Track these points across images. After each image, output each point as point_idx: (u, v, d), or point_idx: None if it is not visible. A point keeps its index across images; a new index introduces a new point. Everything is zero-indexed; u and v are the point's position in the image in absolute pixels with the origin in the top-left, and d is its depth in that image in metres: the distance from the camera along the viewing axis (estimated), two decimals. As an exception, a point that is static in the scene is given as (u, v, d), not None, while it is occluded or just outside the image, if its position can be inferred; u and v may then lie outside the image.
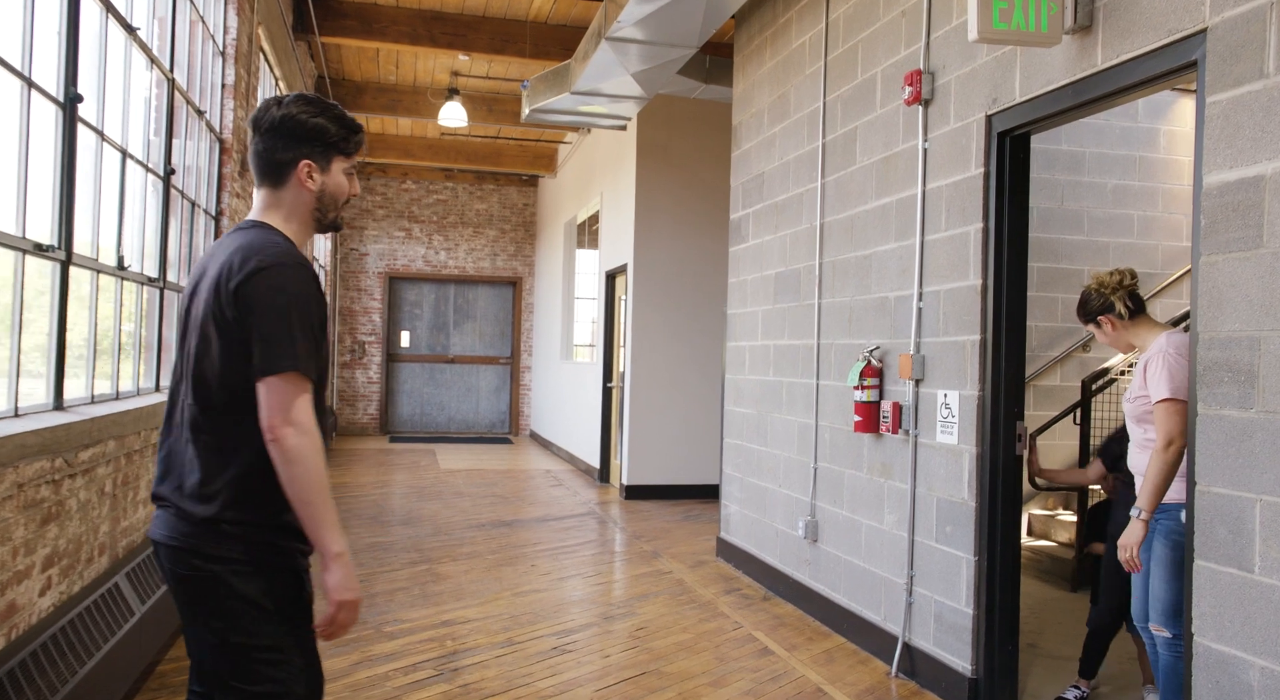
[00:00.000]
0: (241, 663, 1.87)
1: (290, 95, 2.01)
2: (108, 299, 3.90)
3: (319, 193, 2.01)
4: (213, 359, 1.88)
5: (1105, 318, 3.31)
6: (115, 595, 3.39)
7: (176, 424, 1.95)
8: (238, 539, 1.86)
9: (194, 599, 1.88)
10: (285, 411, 1.81)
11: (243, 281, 1.84)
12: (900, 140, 4.30)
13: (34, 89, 2.90)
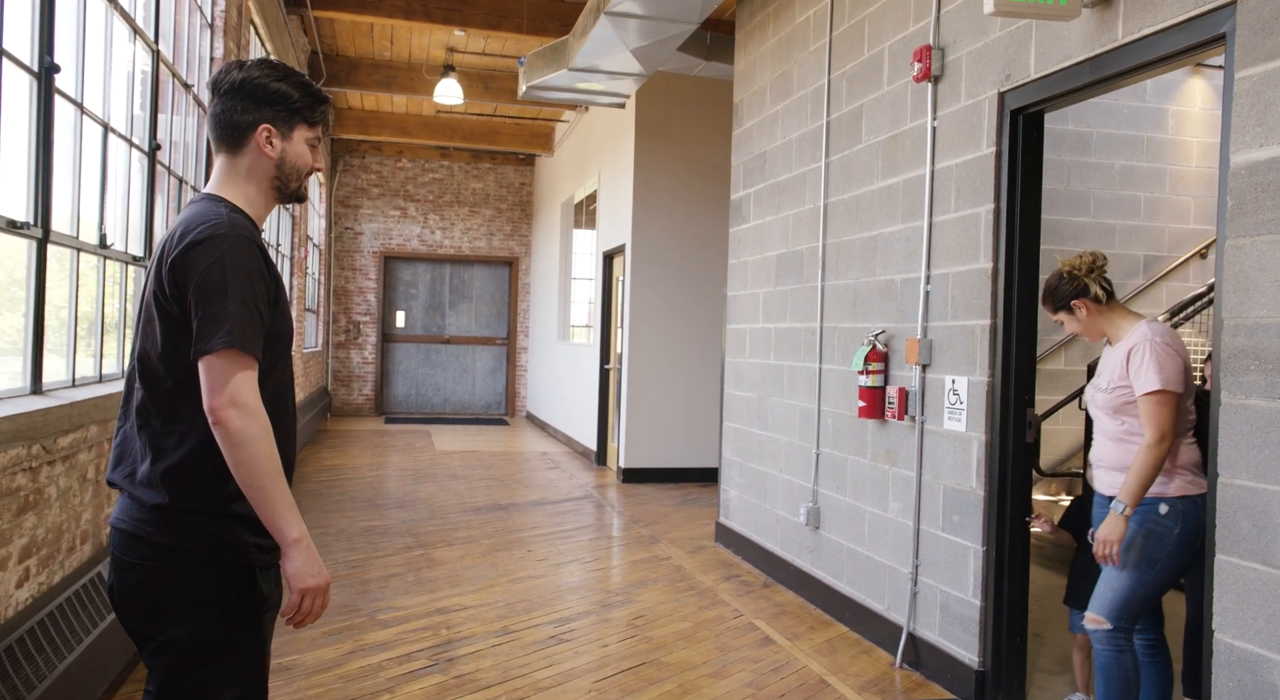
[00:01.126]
0: (172, 657, 1.76)
1: (253, 60, 1.90)
2: (90, 279, 3.78)
3: (279, 160, 1.89)
4: (155, 340, 1.77)
5: (1080, 302, 3.07)
6: (98, 585, 3.28)
7: (126, 410, 1.85)
8: (188, 528, 1.76)
9: (135, 587, 1.77)
10: (226, 391, 1.68)
11: (178, 256, 1.72)
12: (908, 118, 4.17)
13: (6, 58, 2.76)
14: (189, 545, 1.75)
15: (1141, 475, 2.85)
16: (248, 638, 1.82)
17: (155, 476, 1.76)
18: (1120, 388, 2.97)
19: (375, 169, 14.72)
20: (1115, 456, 3.04)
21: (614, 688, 3.70)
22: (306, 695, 3.49)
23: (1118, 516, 2.87)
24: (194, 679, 1.76)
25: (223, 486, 1.76)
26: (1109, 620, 2.95)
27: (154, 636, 1.77)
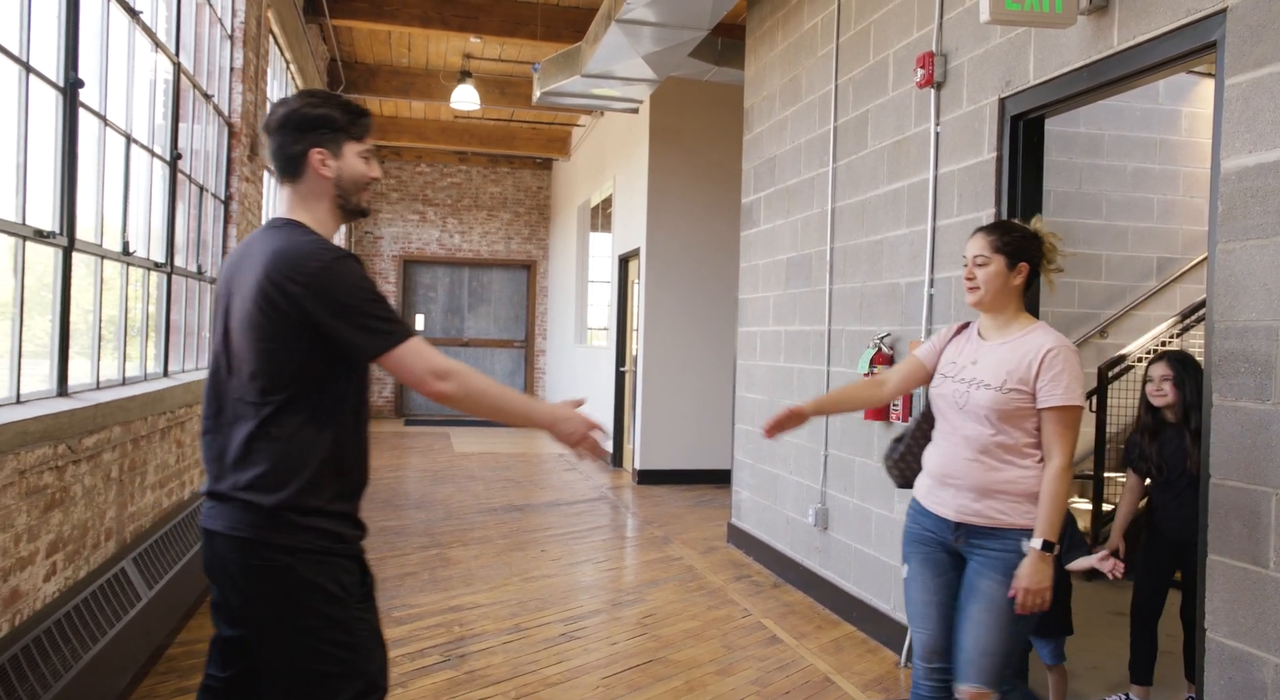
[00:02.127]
0: (312, 648, 1.91)
1: (296, 95, 2.05)
2: (114, 286, 3.90)
3: (336, 179, 2.02)
4: (278, 356, 1.90)
5: (1027, 267, 2.59)
6: (122, 580, 3.39)
7: (227, 420, 1.95)
8: (304, 528, 1.90)
9: (264, 588, 1.91)
10: (424, 371, 1.91)
11: (310, 281, 1.87)
12: (912, 124, 4.23)
13: (33, 74, 2.87)
14: (308, 544, 1.91)
15: (1061, 504, 2.44)
16: (367, 618, 2.00)
17: (272, 481, 1.89)
18: (1020, 392, 2.48)
19: (394, 174, 14.88)
20: (975, 476, 2.53)
21: (621, 684, 3.77)
22: (322, 689, 3.59)
23: (1042, 557, 2.41)
24: (331, 662, 1.92)
25: (329, 486, 1.93)
26: (995, 688, 2.48)
27: (288, 630, 1.90)
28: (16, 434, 2.54)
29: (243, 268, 1.97)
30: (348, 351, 1.93)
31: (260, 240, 1.99)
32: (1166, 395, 3.50)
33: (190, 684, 3.56)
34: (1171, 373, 3.50)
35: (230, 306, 1.98)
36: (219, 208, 5.55)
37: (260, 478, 1.89)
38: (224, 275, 2.05)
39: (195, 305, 5.14)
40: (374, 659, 1.99)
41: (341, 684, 1.93)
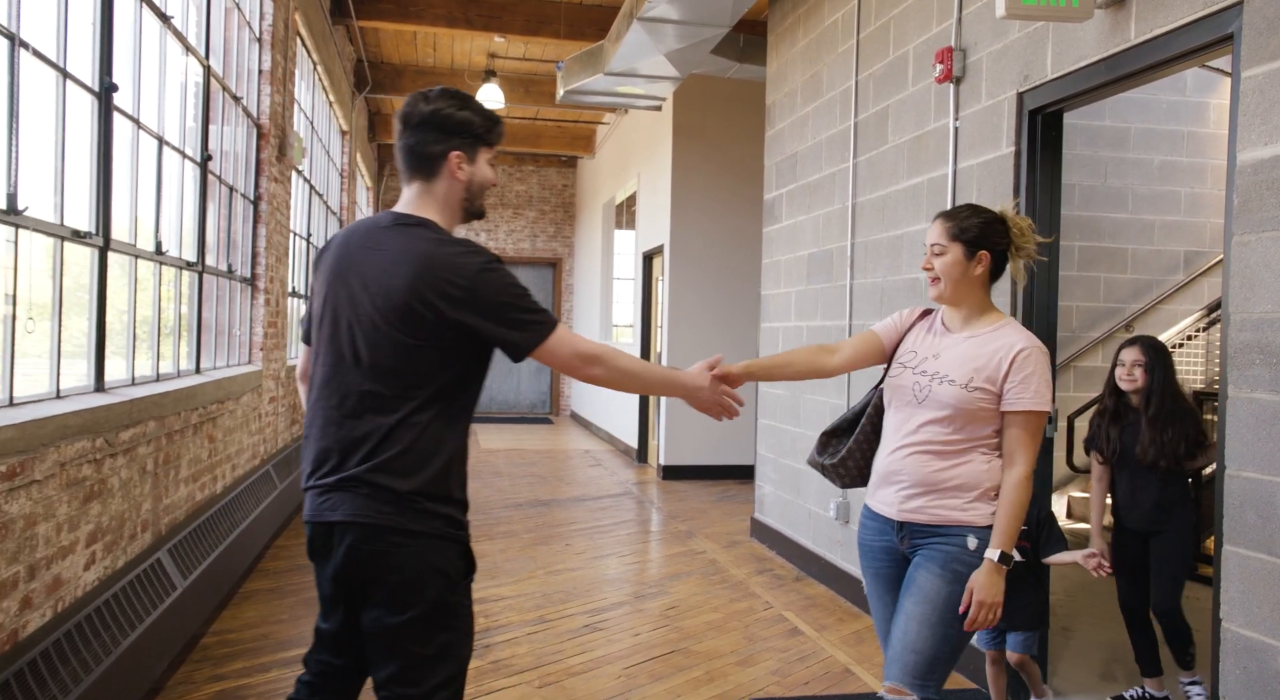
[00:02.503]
0: (426, 628, 1.98)
1: (435, 90, 2.09)
2: (147, 285, 4.00)
3: (468, 182, 2.08)
4: (422, 352, 1.96)
5: (987, 256, 2.37)
6: (158, 570, 3.49)
7: (352, 411, 1.98)
8: (432, 514, 1.98)
9: (385, 573, 1.96)
10: (573, 359, 2.03)
11: (469, 286, 1.93)
12: (932, 119, 4.25)
13: (69, 79, 2.97)
14: (433, 530, 1.98)
15: (1019, 512, 2.26)
16: (468, 604, 2.07)
17: (404, 469, 1.95)
18: (985, 391, 2.29)
19: (421, 173, 14.99)
20: (923, 473, 2.35)
21: (643, 673, 3.83)
22: (351, 677, 3.67)
23: (997, 569, 2.23)
24: (437, 644, 1.99)
25: (455, 475, 2.03)
26: (914, 689, 2.26)
27: (403, 613, 1.96)
28: (57, 427, 2.64)
29: (372, 261, 1.99)
30: (505, 351, 2.02)
31: (395, 237, 2.00)
32: (1136, 380, 3.48)
33: (224, 671, 3.66)
34: (1144, 358, 3.47)
35: (354, 297, 2.00)
36: (248, 208, 5.66)
37: (396, 465, 1.94)
38: (339, 263, 2.05)
39: (225, 303, 5.25)
40: (468, 644, 2.07)
41: (439, 666, 2.00)
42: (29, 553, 2.54)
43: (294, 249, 7.29)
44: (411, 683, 1.97)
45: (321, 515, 2.00)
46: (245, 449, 5.29)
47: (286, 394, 6.63)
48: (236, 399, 4.98)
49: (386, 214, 2.08)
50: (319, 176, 8.89)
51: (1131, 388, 3.49)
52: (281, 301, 6.36)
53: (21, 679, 2.41)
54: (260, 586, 4.86)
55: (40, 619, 2.63)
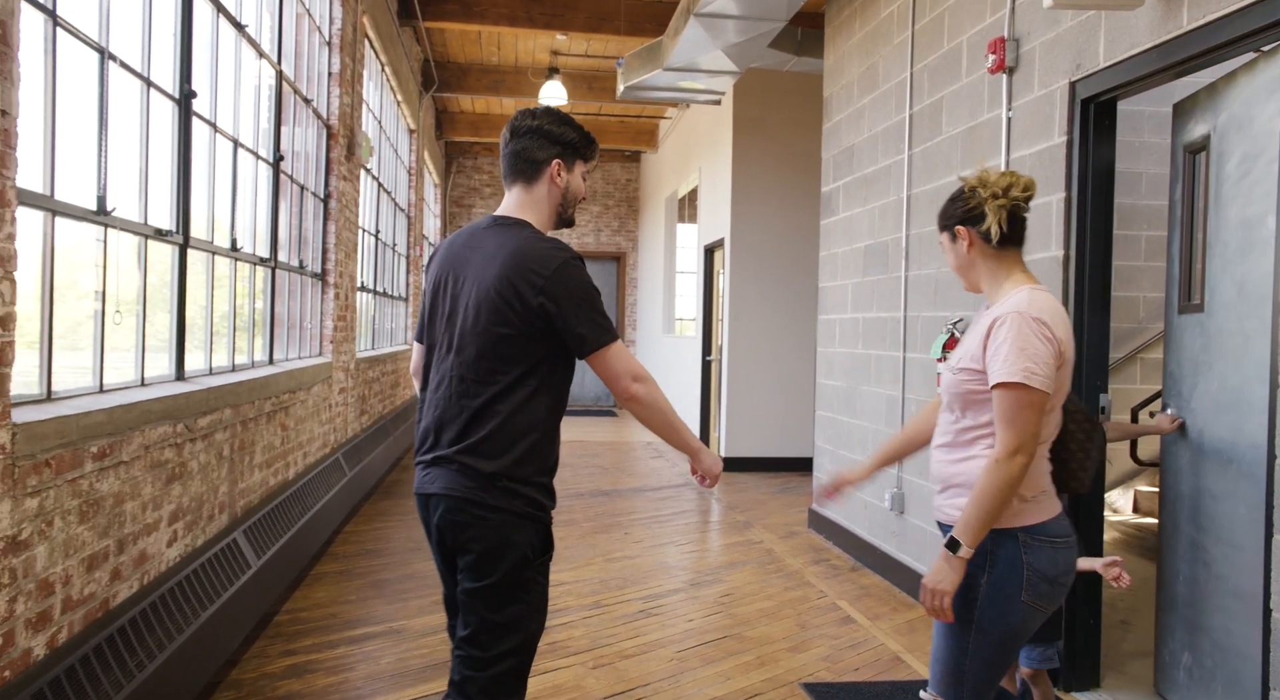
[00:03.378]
0: (497, 598, 2.16)
1: (540, 107, 2.33)
2: (224, 281, 4.22)
3: (564, 189, 2.31)
4: (510, 341, 2.15)
5: (965, 230, 2.24)
6: (234, 550, 3.70)
7: (448, 395, 2.21)
8: (513, 494, 2.15)
9: (468, 542, 2.16)
10: (627, 372, 2.17)
11: (551, 277, 2.13)
12: (985, 110, 4.24)
13: (153, 88, 3.17)
14: (513, 508, 2.15)
15: (985, 503, 2.05)
16: (543, 581, 2.25)
17: (492, 450, 2.14)
18: (971, 370, 2.15)
19: (487, 169, 15.28)
20: (942, 466, 2.27)
21: (695, 657, 3.92)
22: (412, 655, 3.84)
23: (951, 559, 2.08)
24: (507, 614, 2.17)
25: (537, 459, 2.18)
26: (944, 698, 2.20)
27: (481, 580, 2.16)
28: (142, 413, 2.83)
29: (473, 259, 2.22)
30: (569, 343, 2.17)
31: (494, 236, 2.23)
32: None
33: (295, 646, 3.86)
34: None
35: (457, 292, 2.23)
36: (319, 205, 5.89)
37: (482, 447, 2.14)
38: (445, 264, 2.29)
39: (297, 297, 5.48)
40: (538, 619, 2.23)
41: (508, 635, 2.17)
42: (118, 528, 2.74)
43: (363, 245, 7.53)
44: (480, 646, 2.16)
45: (423, 487, 2.24)
46: (316, 437, 5.51)
47: (356, 385, 6.87)
48: (307, 389, 5.20)
49: (487, 217, 2.31)
50: (387, 174, 9.14)
51: None
52: (350, 296, 6.59)
53: (113, 645, 2.60)
54: (330, 569, 5.07)
55: (128, 590, 2.83)
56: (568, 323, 2.14)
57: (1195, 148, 3.36)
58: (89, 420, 2.48)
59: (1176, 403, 3.40)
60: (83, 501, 2.51)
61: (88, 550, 2.55)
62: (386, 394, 8.61)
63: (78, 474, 2.46)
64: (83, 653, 2.44)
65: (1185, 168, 3.43)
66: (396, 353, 9.37)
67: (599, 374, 2.19)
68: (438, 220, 14.36)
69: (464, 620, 2.19)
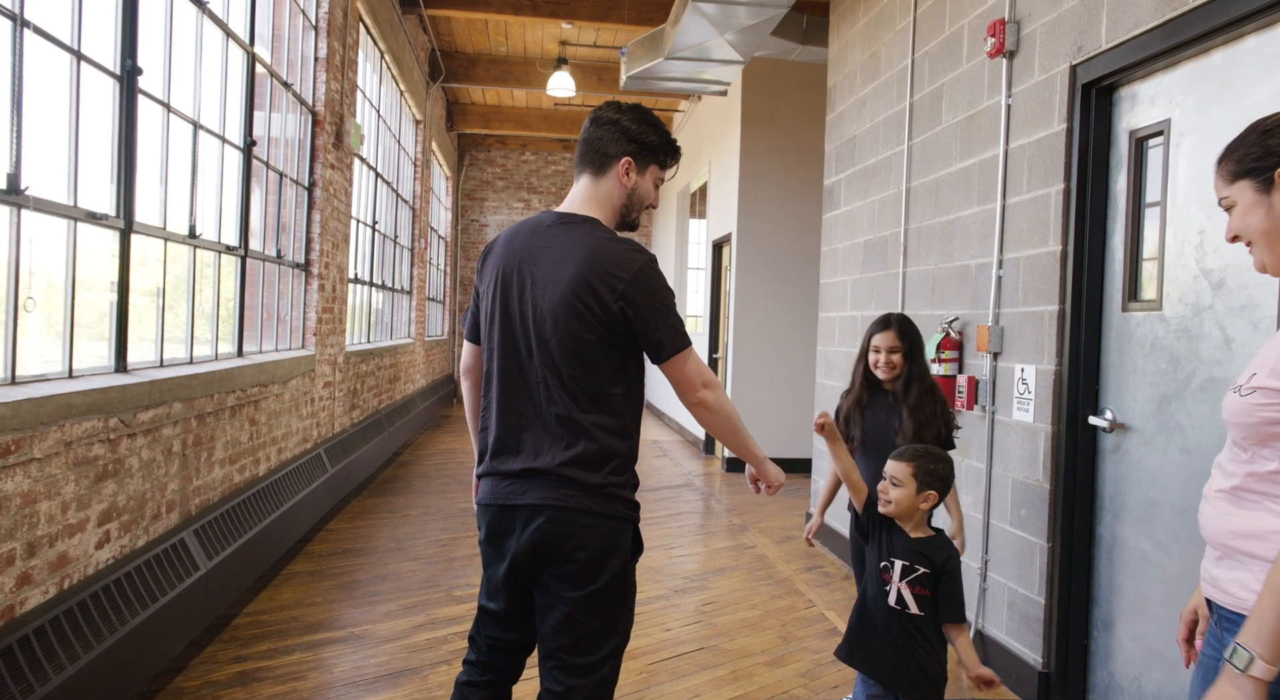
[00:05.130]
0: (600, 603, 2.12)
1: (630, 104, 2.27)
2: (183, 269, 4.05)
3: (630, 190, 2.22)
4: (600, 346, 2.10)
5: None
6: (180, 551, 3.53)
7: (534, 401, 2.14)
8: (615, 498, 2.12)
9: (574, 551, 2.10)
10: (699, 379, 2.13)
11: (631, 280, 2.07)
12: (985, 97, 4.00)
13: (84, 62, 3.00)
14: (616, 512, 2.12)
15: None
16: (634, 582, 2.24)
17: (594, 462, 2.09)
18: (1273, 391, 1.49)
19: (500, 162, 15.12)
20: (1221, 522, 1.58)
21: (664, 671, 3.72)
22: (368, 663, 3.67)
23: (1240, 680, 1.37)
24: (609, 618, 2.15)
25: (632, 464, 2.17)
26: None
27: (586, 587, 2.11)
28: (60, 407, 2.67)
29: (540, 258, 2.14)
30: (646, 348, 2.12)
31: (562, 234, 2.14)
32: (895, 367, 3.16)
33: (248, 652, 3.70)
34: (901, 344, 3.16)
35: (525, 294, 2.14)
36: (302, 194, 5.73)
37: (582, 460, 2.09)
38: (506, 261, 2.19)
39: (275, 288, 5.32)
40: (632, 620, 2.23)
41: (609, 637, 2.16)
42: (27, 530, 2.57)
43: (357, 236, 7.38)
44: (582, 652, 2.12)
45: (508, 499, 2.14)
46: (294, 433, 5.36)
47: (345, 379, 6.72)
48: (283, 383, 5.05)
49: (549, 214, 2.21)
50: (388, 165, 8.99)
51: (889, 376, 3.18)
52: (339, 287, 6.44)
53: (15, 655, 2.44)
54: (302, 569, 4.92)
55: (41, 596, 2.67)
56: (646, 327, 2.08)
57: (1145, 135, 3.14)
58: (-13, 414, 2.31)
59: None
60: (-20, 501, 2.34)
61: (-13, 553, 2.38)
62: (383, 388, 8.46)
63: (-28, 472, 2.29)
64: (-27, 664, 2.27)
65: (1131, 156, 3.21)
66: (397, 346, 9.23)
67: (670, 379, 2.14)
68: (449, 213, 14.22)
69: (561, 632, 2.13)
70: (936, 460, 2.57)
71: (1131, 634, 3.18)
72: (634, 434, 2.20)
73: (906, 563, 2.51)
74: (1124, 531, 3.21)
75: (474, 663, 2.31)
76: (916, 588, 2.49)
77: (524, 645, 2.29)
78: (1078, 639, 3.39)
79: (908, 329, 3.19)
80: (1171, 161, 3.01)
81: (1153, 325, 3.08)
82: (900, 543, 2.55)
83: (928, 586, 2.50)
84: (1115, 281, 3.27)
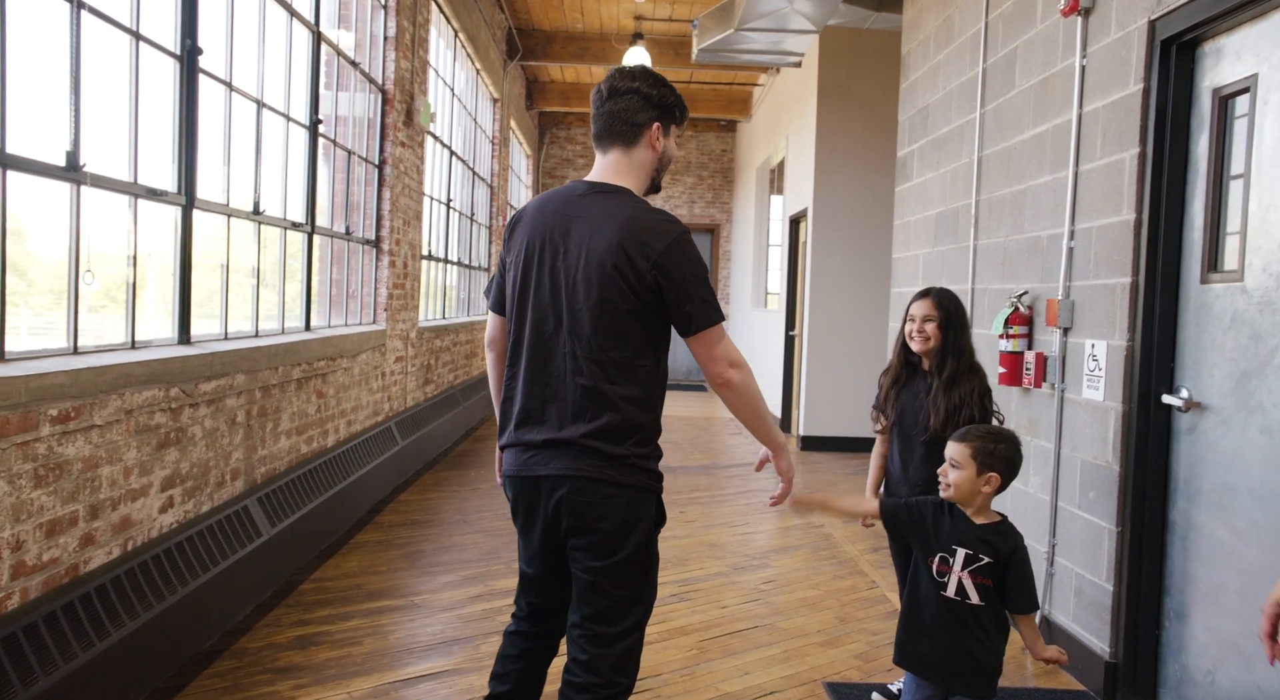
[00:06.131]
0: (623, 573, 2.16)
1: (638, 67, 2.25)
2: (248, 244, 4.16)
3: (661, 154, 2.25)
4: (633, 316, 2.10)
5: None
6: (243, 517, 3.65)
7: (559, 372, 2.14)
8: (638, 469, 2.13)
9: (597, 520, 2.12)
10: (726, 356, 2.13)
11: (666, 249, 2.08)
12: (1059, 58, 3.81)
13: (143, 42, 3.08)
14: (639, 482, 2.14)
15: None
16: (657, 553, 2.27)
17: (618, 433, 2.10)
18: None
19: (580, 140, 15.15)
20: None
21: (716, 648, 3.69)
22: (424, 630, 3.73)
23: None
24: (634, 589, 2.19)
25: (656, 436, 2.18)
26: None
27: (609, 557, 2.14)
28: (120, 376, 2.77)
29: (574, 229, 2.13)
30: (675, 320, 2.12)
31: (596, 204, 2.14)
32: (929, 338, 3.00)
33: (310, 617, 3.80)
34: (937, 313, 2.99)
35: (556, 264, 2.13)
36: (372, 171, 5.82)
37: (607, 430, 2.09)
38: (537, 232, 2.17)
39: (344, 264, 5.43)
40: (655, 591, 2.26)
41: (633, 608, 2.19)
42: (89, 493, 2.68)
43: (431, 213, 7.48)
44: (608, 622, 2.15)
45: (530, 470, 2.16)
46: (364, 406, 5.47)
47: (419, 354, 6.84)
48: (352, 357, 5.15)
49: (580, 183, 2.21)
50: (464, 143, 9.08)
51: (923, 347, 3.03)
52: (411, 264, 6.54)
53: (72, 611, 2.55)
54: (370, 538, 5.03)
55: (105, 556, 2.78)
56: (678, 299, 2.08)
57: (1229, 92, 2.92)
58: (44, 382, 2.40)
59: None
60: (39, 465, 2.44)
61: (47, 515, 2.49)
62: (459, 364, 8.59)
63: (30, 437, 2.39)
64: (31, 620, 2.38)
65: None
66: (473, 323, 9.35)
67: (696, 355, 2.13)
68: (528, 191, 14.32)
69: (585, 600, 2.17)
70: (999, 440, 2.44)
71: (1205, 625, 3.01)
72: (658, 407, 2.20)
73: (970, 551, 2.40)
74: (1199, 517, 3.04)
75: (520, 617, 2.39)
76: (979, 578, 2.39)
77: (564, 606, 2.33)
78: (1148, 629, 3.23)
79: (946, 300, 3.06)
80: (1258, 120, 2.81)
81: (1233, 297, 2.89)
82: (963, 530, 2.44)
83: (990, 576, 2.39)
84: (1194, 251, 3.09)
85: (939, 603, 2.41)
